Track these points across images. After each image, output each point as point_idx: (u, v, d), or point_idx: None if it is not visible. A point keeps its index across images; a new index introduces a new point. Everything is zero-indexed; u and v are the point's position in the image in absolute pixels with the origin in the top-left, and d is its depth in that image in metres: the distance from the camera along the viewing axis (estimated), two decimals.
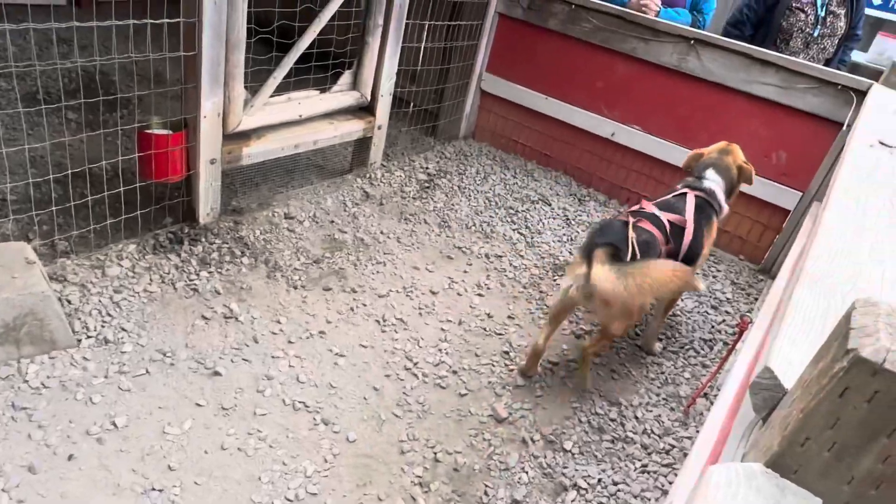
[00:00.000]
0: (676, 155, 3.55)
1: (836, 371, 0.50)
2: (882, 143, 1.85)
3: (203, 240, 2.62)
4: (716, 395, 2.34)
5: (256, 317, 2.34)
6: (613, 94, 3.68)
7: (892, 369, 0.47)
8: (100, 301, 2.19)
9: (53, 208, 2.34)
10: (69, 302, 2.14)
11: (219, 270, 2.51)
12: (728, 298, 3.11)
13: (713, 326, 2.88)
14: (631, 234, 2.12)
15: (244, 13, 2.43)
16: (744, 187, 2.64)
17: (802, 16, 3.52)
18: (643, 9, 3.48)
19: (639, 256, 2.08)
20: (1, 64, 3.24)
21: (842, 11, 3.52)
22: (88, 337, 2.05)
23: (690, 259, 2.28)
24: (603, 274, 1.98)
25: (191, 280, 2.42)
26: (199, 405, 1.94)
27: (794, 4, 3.53)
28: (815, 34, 3.50)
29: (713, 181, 2.46)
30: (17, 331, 1.88)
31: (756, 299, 3.16)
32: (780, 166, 3.28)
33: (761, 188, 3.31)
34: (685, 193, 2.39)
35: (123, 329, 2.12)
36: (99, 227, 2.40)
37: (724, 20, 3.96)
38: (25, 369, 1.88)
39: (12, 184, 2.52)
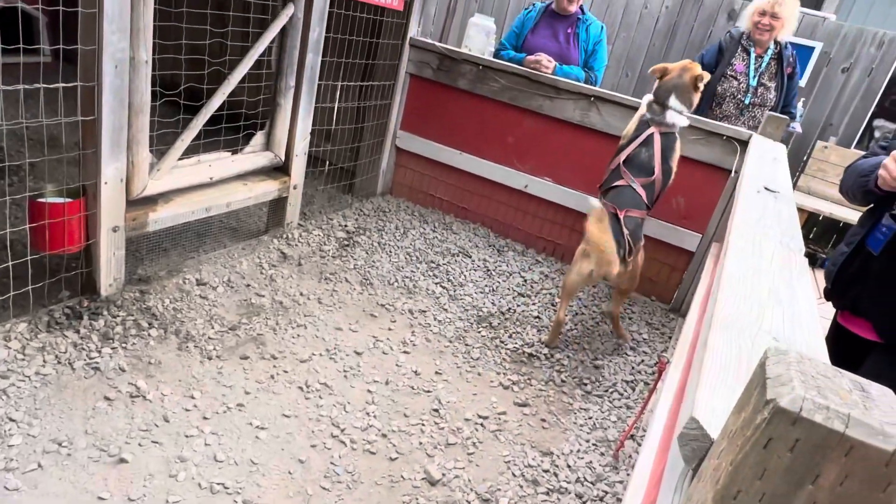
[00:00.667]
0: (585, 203, 3.73)
1: (758, 422, 0.52)
2: (767, 189, 2.03)
3: (105, 313, 2.44)
4: (642, 436, 2.39)
5: (167, 393, 2.17)
6: (524, 147, 3.84)
7: (810, 417, 0.49)
8: None
9: None
10: None
11: (123, 346, 2.33)
12: (645, 339, 3.24)
13: (633, 367, 2.97)
14: (625, 231, 2.73)
15: (148, 77, 2.35)
16: (646, 229, 2.95)
17: (735, 83, 3.81)
18: (538, 67, 3.69)
19: (631, 246, 2.76)
20: None
21: (772, 85, 3.81)
22: None
23: (665, 186, 2.94)
24: (618, 266, 2.70)
25: (91, 358, 2.22)
26: (101, 498, 1.75)
27: (728, 72, 3.83)
28: (747, 102, 3.79)
29: (676, 110, 2.85)
30: None
31: (670, 338, 3.31)
32: (680, 211, 3.51)
33: (666, 231, 3.53)
34: (652, 135, 2.85)
35: (11, 419, 1.90)
36: None
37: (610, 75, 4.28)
38: None
39: None
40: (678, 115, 2.87)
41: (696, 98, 2.92)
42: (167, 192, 2.70)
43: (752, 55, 3.80)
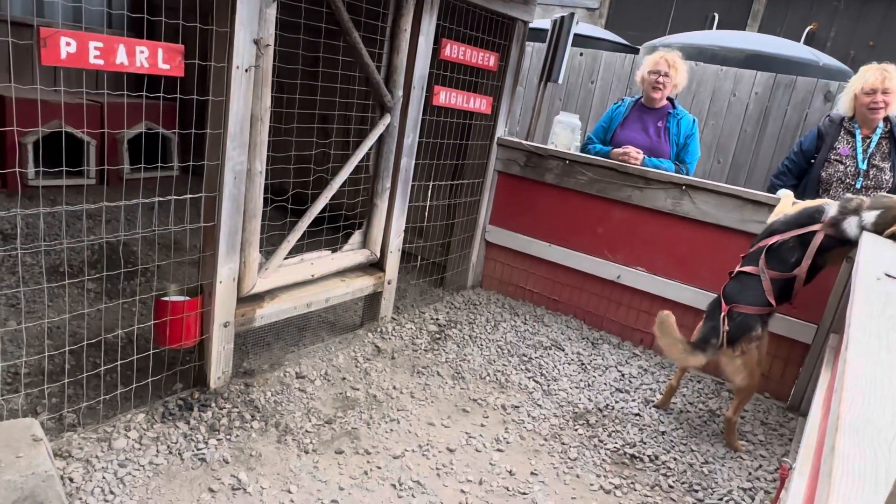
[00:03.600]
0: (684, 294, 3.58)
1: None
2: (888, 276, 1.87)
3: (213, 405, 2.57)
4: None
5: (266, 486, 2.21)
6: (615, 238, 3.80)
7: None
8: (103, 477, 2.09)
9: (66, 380, 2.32)
10: (71, 480, 2.04)
11: (228, 437, 2.42)
12: (761, 441, 2.95)
13: (750, 473, 2.70)
14: (722, 327, 2.68)
15: (261, 185, 2.60)
16: None
17: (841, 167, 3.57)
18: (626, 159, 3.70)
19: (734, 340, 2.69)
20: (30, 243, 3.41)
21: (886, 165, 3.53)
22: None
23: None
24: (693, 360, 2.72)
25: (199, 449, 2.33)
26: None
27: (832, 157, 3.60)
28: (858, 185, 3.54)
29: (858, 225, 2.60)
30: None
31: (790, 440, 2.99)
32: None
33: (776, 323, 3.28)
34: (814, 233, 2.68)
35: None
36: (108, 398, 2.37)
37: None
38: None
39: (27, 358, 2.53)
40: (855, 230, 2.59)
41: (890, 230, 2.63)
42: (273, 290, 2.89)
43: (859, 137, 3.61)
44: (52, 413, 2.36)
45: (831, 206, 2.71)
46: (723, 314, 2.69)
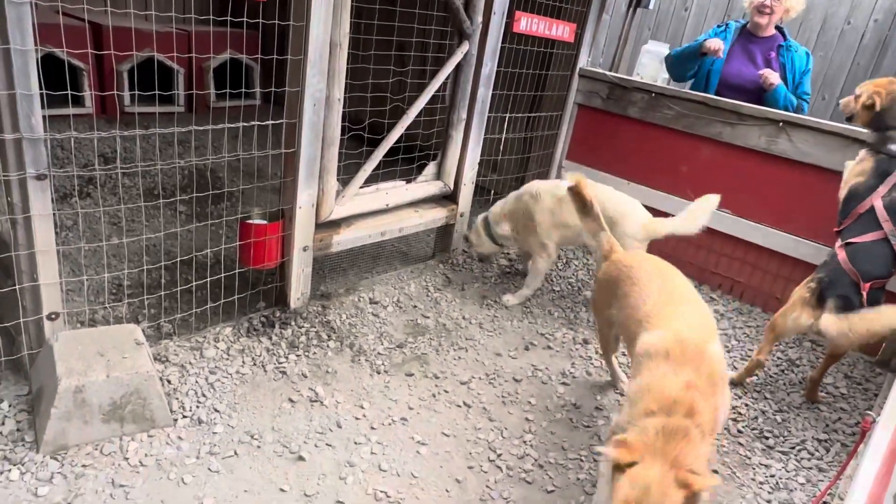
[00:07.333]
0: (772, 239, 3.39)
1: None
2: None
3: (293, 323, 2.72)
4: None
5: (340, 401, 2.35)
6: (699, 177, 3.61)
7: None
8: (196, 382, 2.28)
9: (162, 293, 2.52)
10: (169, 382, 2.25)
11: (306, 354, 2.57)
12: (843, 394, 2.83)
13: (828, 425, 2.60)
14: (861, 309, 2.40)
15: (339, 113, 2.62)
16: None
17: None
18: (766, 76, 3.44)
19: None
20: (129, 164, 3.63)
21: None
22: (184, 416, 2.13)
23: None
24: (832, 323, 2.42)
25: (280, 363, 2.49)
26: (282, 490, 1.93)
27: None
28: None
29: None
30: (123, 409, 1.98)
31: (876, 395, 2.85)
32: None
33: None
34: None
35: (216, 410, 2.19)
36: (199, 311, 2.55)
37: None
38: (126, 447, 1.97)
39: (128, 270, 2.76)
40: None
41: None
42: (349, 217, 2.96)
43: None
44: (150, 322, 2.57)
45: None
46: (864, 292, 2.43)
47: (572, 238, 3.13)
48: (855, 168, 2.64)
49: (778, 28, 3.59)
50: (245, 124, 2.50)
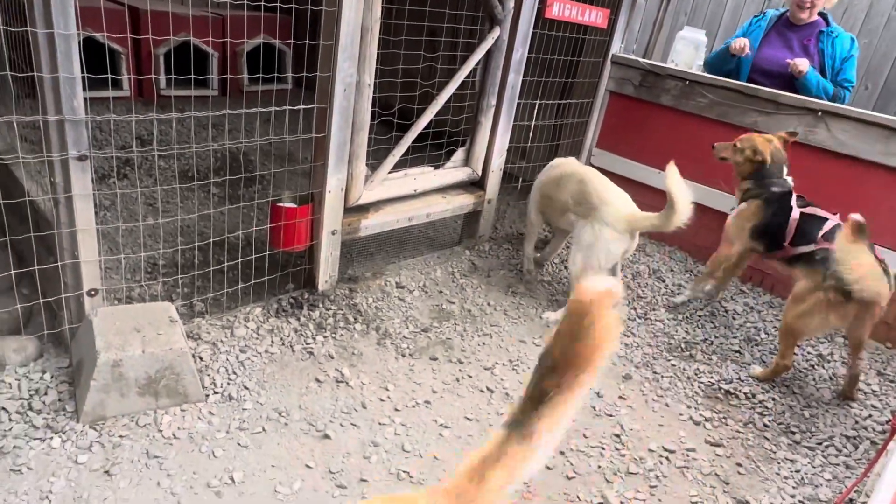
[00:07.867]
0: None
1: None
2: None
3: (321, 305, 2.77)
4: (863, 503, 2.05)
5: (366, 382, 2.40)
6: (731, 167, 3.54)
7: None
8: (227, 359, 2.35)
9: (195, 272, 2.59)
10: (201, 359, 2.32)
11: (333, 335, 2.62)
12: (874, 391, 2.77)
13: (857, 422, 2.56)
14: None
15: (369, 99, 2.64)
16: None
17: None
18: (795, 67, 3.35)
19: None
20: (165, 147, 3.72)
21: None
22: (215, 393, 2.20)
23: None
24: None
25: (307, 344, 2.54)
26: (308, 466, 1.99)
27: None
28: None
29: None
30: (157, 383, 2.06)
31: None
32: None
33: None
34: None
35: (245, 387, 2.25)
36: (231, 291, 2.62)
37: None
38: (160, 419, 2.05)
39: (163, 250, 2.84)
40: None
41: None
42: (377, 202, 2.99)
43: None
44: (184, 301, 2.65)
45: None
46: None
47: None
48: (742, 215, 2.97)
49: (821, 14, 3.48)
50: (277, 108, 2.54)
